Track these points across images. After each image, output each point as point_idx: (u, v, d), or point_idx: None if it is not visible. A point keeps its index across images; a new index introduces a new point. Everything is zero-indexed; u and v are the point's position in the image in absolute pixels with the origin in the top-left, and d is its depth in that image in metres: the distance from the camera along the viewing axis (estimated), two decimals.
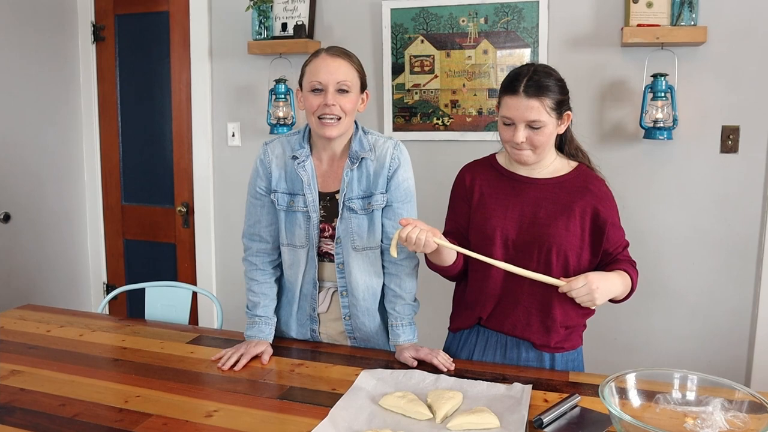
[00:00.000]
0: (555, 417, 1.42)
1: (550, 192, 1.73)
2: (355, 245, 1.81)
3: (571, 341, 1.80)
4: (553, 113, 1.65)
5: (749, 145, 2.57)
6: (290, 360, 1.79)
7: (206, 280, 3.39)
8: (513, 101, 1.64)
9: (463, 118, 2.87)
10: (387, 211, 1.81)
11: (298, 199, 1.81)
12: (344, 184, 1.78)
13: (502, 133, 1.71)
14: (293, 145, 1.84)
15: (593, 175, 1.77)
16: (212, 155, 3.32)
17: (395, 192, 1.80)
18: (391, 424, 1.39)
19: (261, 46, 3.01)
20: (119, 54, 3.49)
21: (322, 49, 1.78)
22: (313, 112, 1.72)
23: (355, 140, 1.81)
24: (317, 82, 1.71)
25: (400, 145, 1.83)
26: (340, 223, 1.80)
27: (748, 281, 2.64)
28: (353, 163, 1.78)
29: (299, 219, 1.82)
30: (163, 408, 1.50)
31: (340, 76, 1.71)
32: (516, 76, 1.67)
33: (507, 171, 1.79)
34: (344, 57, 1.75)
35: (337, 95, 1.71)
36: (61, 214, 3.49)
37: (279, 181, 1.83)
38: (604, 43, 2.67)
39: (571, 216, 1.69)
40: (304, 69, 1.77)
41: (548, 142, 1.68)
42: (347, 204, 1.79)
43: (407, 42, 2.89)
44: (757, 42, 2.51)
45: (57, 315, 2.20)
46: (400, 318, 1.83)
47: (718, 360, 2.68)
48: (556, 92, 1.65)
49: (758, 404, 1.29)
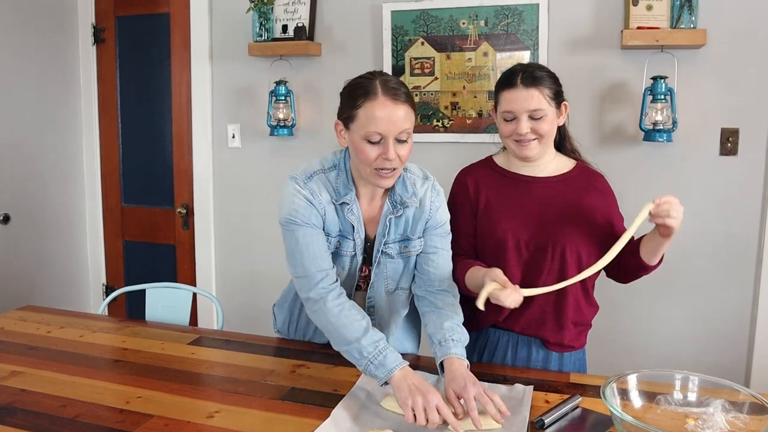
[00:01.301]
0: (556, 418, 1.42)
1: (557, 190, 1.74)
2: (389, 288, 1.76)
3: (580, 340, 1.82)
4: (552, 102, 1.67)
5: (748, 147, 2.58)
6: (291, 361, 1.79)
7: (206, 282, 3.39)
8: (512, 94, 1.67)
9: (464, 120, 2.88)
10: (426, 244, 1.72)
11: (347, 243, 1.67)
12: (383, 230, 1.67)
13: (504, 129, 1.72)
14: (337, 188, 1.64)
15: (595, 172, 1.80)
16: (212, 157, 3.32)
17: (433, 230, 1.71)
18: (393, 425, 1.39)
19: (261, 47, 3.02)
20: (119, 55, 3.49)
21: (374, 81, 1.53)
22: (368, 163, 1.54)
23: (399, 181, 1.66)
24: (376, 134, 1.50)
25: (435, 187, 1.71)
26: (376, 268, 1.71)
27: (748, 283, 2.64)
28: (395, 209, 1.66)
29: (345, 262, 1.69)
30: (165, 409, 1.50)
31: (403, 125, 1.51)
32: (511, 73, 1.70)
33: (509, 172, 1.80)
34: (405, 100, 1.53)
35: (396, 145, 1.52)
36: (60, 215, 3.49)
37: (333, 225, 1.65)
38: (604, 45, 2.68)
39: (580, 214, 1.72)
40: (355, 110, 1.52)
41: (551, 131, 1.70)
42: (384, 250, 1.69)
43: (407, 44, 2.90)
44: (757, 44, 2.52)
45: (57, 316, 2.20)
46: (450, 333, 1.58)
47: (718, 361, 2.68)
48: (552, 82, 1.68)
49: (759, 405, 1.29)
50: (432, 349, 1.58)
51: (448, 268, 1.73)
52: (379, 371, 1.48)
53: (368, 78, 1.55)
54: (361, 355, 1.51)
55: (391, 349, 1.52)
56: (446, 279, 1.72)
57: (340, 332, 1.55)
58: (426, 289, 1.72)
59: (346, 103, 1.56)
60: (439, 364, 1.55)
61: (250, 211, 3.30)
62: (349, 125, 1.55)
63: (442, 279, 1.71)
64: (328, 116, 3.09)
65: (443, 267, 1.72)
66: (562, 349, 1.79)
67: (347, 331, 1.54)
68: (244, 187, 3.30)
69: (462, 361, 1.52)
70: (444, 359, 1.52)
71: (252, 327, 2.52)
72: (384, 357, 1.49)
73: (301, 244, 1.60)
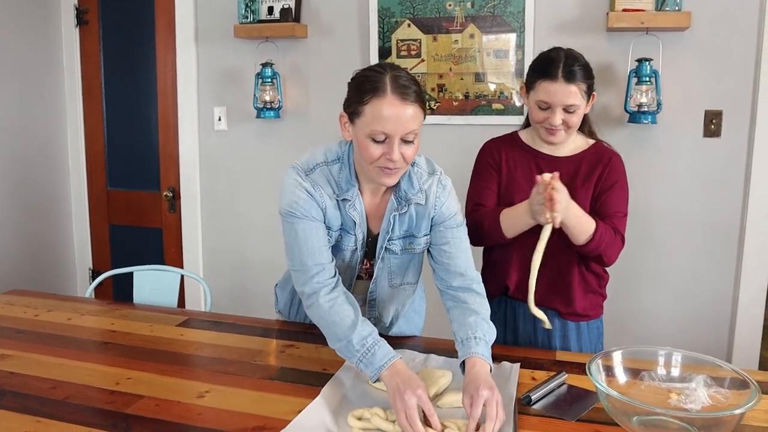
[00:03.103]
0: (543, 394, 1.45)
1: (572, 168, 1.82)
2: (393, 283, 1.74)
3: (595, 310, 1.91)
4: (585, 95, 1.74)
5: (732, 129, 2.61)
6: (280, 341, 1.80)
7: (193, 265, 3.39)
8: (552, 86, 1.70)
9: (450, 102, 2.88)
10: (434, 237, 1.67)
11: (348, 237, 1.63)
12: (387, 226, 1.63)
13: (536, 115, 1.77)
14: (339, 182, 1.59)
15: (610, 150, 1.87)
16: (198, 140, 3.31)
17: (441, 224, 1.66)
18: (382, 403, 1.40)
19: (247, 29, 3.00)
20: (103, 37, 3.45)
21: (384, 76, 1.45)
22: (371, 161, 1.49)
23: (405, 177, 1.60)
24: (381, 133, 1.45)
25: (442, 182, 1.65)
26: (380, 263, 1.68)
27: (730, 264, 2.68)
28: (401, 206, 1.61)
29: (345, 255, 1.66)
30: (155, 389, 1.50)
31: (410, 126, 1.45)
32: (551, 61, 1.73)
33: (530, 148, 1.87)
34: (415, 99, 1.46)
35: (402, 145, 1.47)
36: (45, 200, 3.47)
37: (334, 219, 1.61)
38: (590, 27, 2.69)
39: (587, 187, 1.80)
40: (362, 105, 1.46)
41: (579, 122, 1.78)
42: (388, 246, 1.66)
43: (394, 26, 2.89)
44: (741, 27, 2.54)
45: (44, 300, 2.19)
46: (472, 330, 1.52)
47: (701, 341, 2.73)
48: (588, 76, 1.74)
49: (740, 380, 1.32)
50: (456, 347, 1.53)
51: (466, 258, 1.67)
52: (369, 370, 1.44)
53: (379, 72, 1.47)
54: (351, 353, 1.48)
55: (380, 344, 1.46)
56: (467, 270, 1.66)
57: (331, 329, 1.52)
58: (447, 284, 1.66)
59: (353, 97, 1.49)
60: (460, 364, 1.48)
61: (236, 193, 3.30)
62: (355, 120, 1.49)
63: (461, 271, 1.65)
64: (315, 99, 3.09)
65: (460, 257, 1.66)
66: (578, 318, 1.87)
67: (338, 329, 1.50)
68: (230, 169, 3.29)
69: (484, 363, 1.44)
70: (466, 359, 1.46)
71: (240, 309, 2.53)
72: (372, 355, 1.44)
73: (300, 237, 1.57)
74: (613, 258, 1.77)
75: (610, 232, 1.74)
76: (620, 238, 1.77)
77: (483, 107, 2.85)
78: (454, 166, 1.93)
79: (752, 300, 2.66)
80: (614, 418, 1.30)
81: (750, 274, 2.65)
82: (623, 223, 1.80)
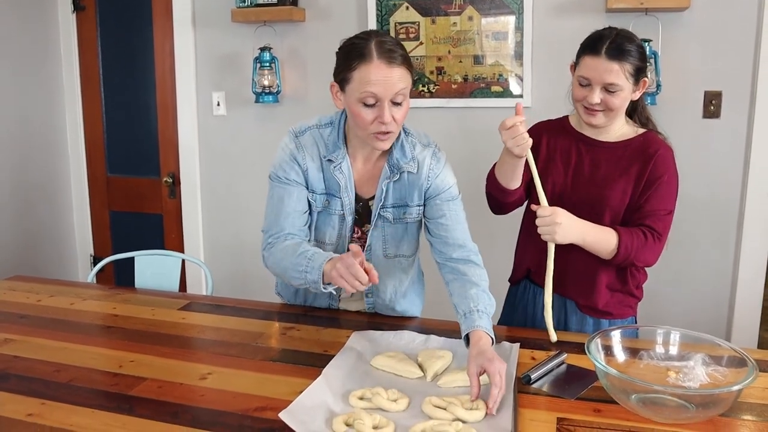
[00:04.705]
0: (543, 373, 1.46)
1: (613, 155, 1.74)
2: (387, 253, 1.75)
3: (622, 310, 1.81)
4: (630, 78, 1.64)
5: (731, 110, 2.60)
6: (282, 324, 1.82)
7: (194, 250, 3.40)
8: (593, 62, 1.64)
9: (449, 85, 2.88)
10: (431, 210, 1.70)
11: (335, 201, 1.67)
12: (381, 194, 1.66)
13: (576, 93, 1.70)
14: (327, 144, 1.65)
15: (659, 141, 1.76)
16: (197, 125, 3.31)
17: (436, 196, 1.68)
18: (383, 383, 1.42)
19: (245, 13, 2.98)
20: (100, 23, 3.44)
21: (369, 42, 1.50)
22: (365, 127, 1.54)
23: (397, 145, 1.64)
24: (371, 95, 1.49)
25: (437, 155, 1.69)
26: (373, 231, 1.70)
27: (729, 244, 2.69)
28: (393, 173, 1.65)
29: (334, 221, 1.70)
30: (158, 372, 1.52)
31: (398, 86, 1.50)
32: (599, 37, 1.66)
33: (575, 131, 1.80)
34: (402, 62, 1.51)
35: (392, 107, 1.51)
36: (46, 186, 3.47)
37: (317, 182, 1.66)
38: (589, 8, 2.67)
39: (627, 179, 1.71)
40: (350, 72, 1.51)
41: (622, 107, 1.68)
42: (381, 213, 1.69)
43: (392, 9, 2.88)
44: (740, 7, 2.53)
45: (47, 285, 2.20)
46: (474, 303, 1.54)
47: (701, 320, 2.74)
48: (637, 58, 1.64)
49: (738, 359, 1.33)
50: (458, 319, 1.55)
51: (464, 230, 1.70)
52: (314, 275, 1.49)
53: (364, 39, 1.52)
54: (300, 273, 1.53)
55: (315, 251, 1.54)
56: (465, 242, 1.68)
57: (283, 265, 1.59)
58: (447, 256, 1.68)
59: (341, 65, 1.54)
60: (464, 337, 1.50)
61: (236, 178, 3.30)
62: (345, 87, 1.54)
63: (460, 243, 1.67)
64: (314, 82, 3.08)
65: (457, 229, 1.68)
66: (598, 315, 1.79)
67: (287, 262, 1.57)
68: (230, 154, 3.29)
69: (488, 336, 1.46)
70: (470, 332, 1.47)
71: (241, 292, 2.54)
72: (313, 261, 1.50)
73: (275, 199, 1.66)
74: (651, 260, 1.71)
75: (638, 237, 1.66)
76: (654, 237, 1.68)
77: (482, 90, 2.84)
78: (453, 148, 1.94)
79: (752, 280, 2.67)
80: (613, 396, 1.32)
81: (749, 255, 2.65)
82: (664, 222, 1.71)
